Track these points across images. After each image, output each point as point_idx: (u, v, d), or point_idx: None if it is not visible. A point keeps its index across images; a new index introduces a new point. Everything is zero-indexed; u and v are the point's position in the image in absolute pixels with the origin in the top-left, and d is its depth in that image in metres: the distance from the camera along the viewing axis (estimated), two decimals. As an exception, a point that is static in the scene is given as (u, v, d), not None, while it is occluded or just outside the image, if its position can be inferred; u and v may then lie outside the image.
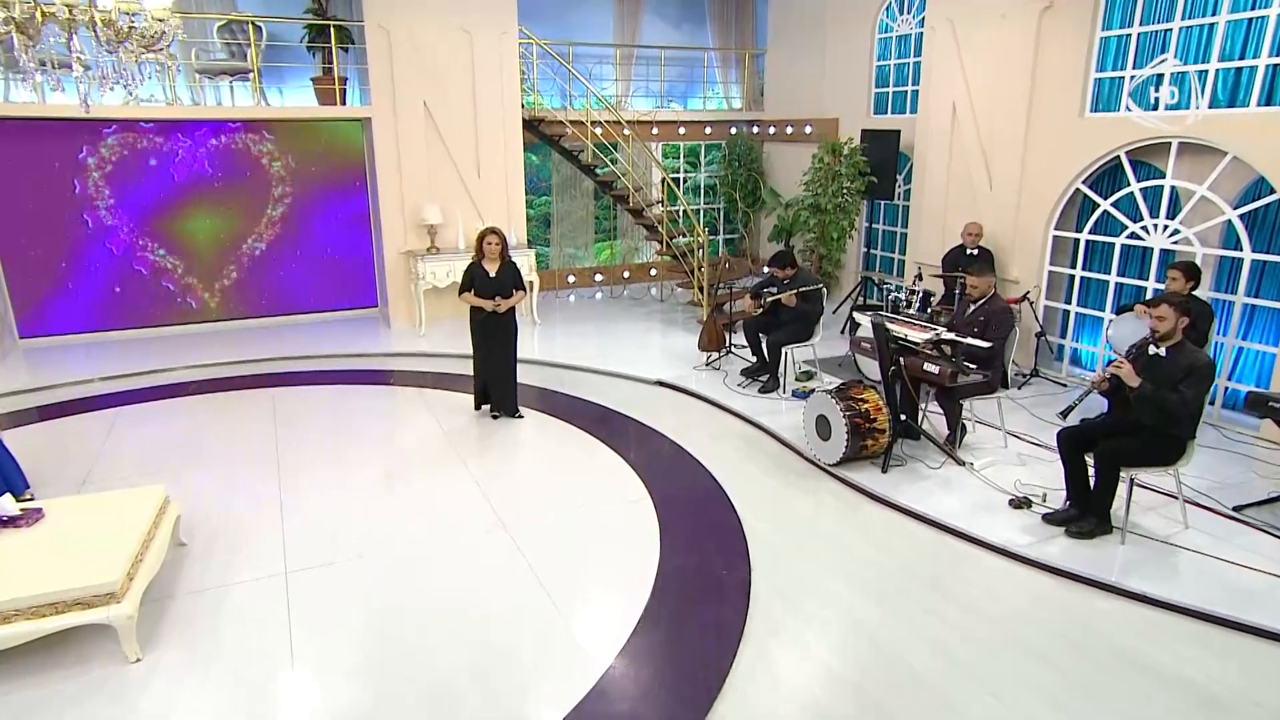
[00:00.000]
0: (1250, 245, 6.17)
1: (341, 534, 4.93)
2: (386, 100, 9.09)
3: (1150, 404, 4.54)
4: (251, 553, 4.72)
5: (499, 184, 9.70)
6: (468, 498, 5.43)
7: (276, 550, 4.74)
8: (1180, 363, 4.53)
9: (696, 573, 4.51)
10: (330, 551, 4.72)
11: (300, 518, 5.15)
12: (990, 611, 4.16)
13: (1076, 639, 3.94)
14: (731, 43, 12.26)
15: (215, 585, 4.40)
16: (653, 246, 12.09)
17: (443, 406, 7.20)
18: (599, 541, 4.87)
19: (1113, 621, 4.08)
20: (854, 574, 4.52)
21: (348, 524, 5.07)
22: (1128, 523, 4.73)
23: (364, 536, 4.90)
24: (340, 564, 4.60)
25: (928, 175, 8.80)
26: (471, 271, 6.51)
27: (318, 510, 5.25)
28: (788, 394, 7.29)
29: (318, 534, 4.93)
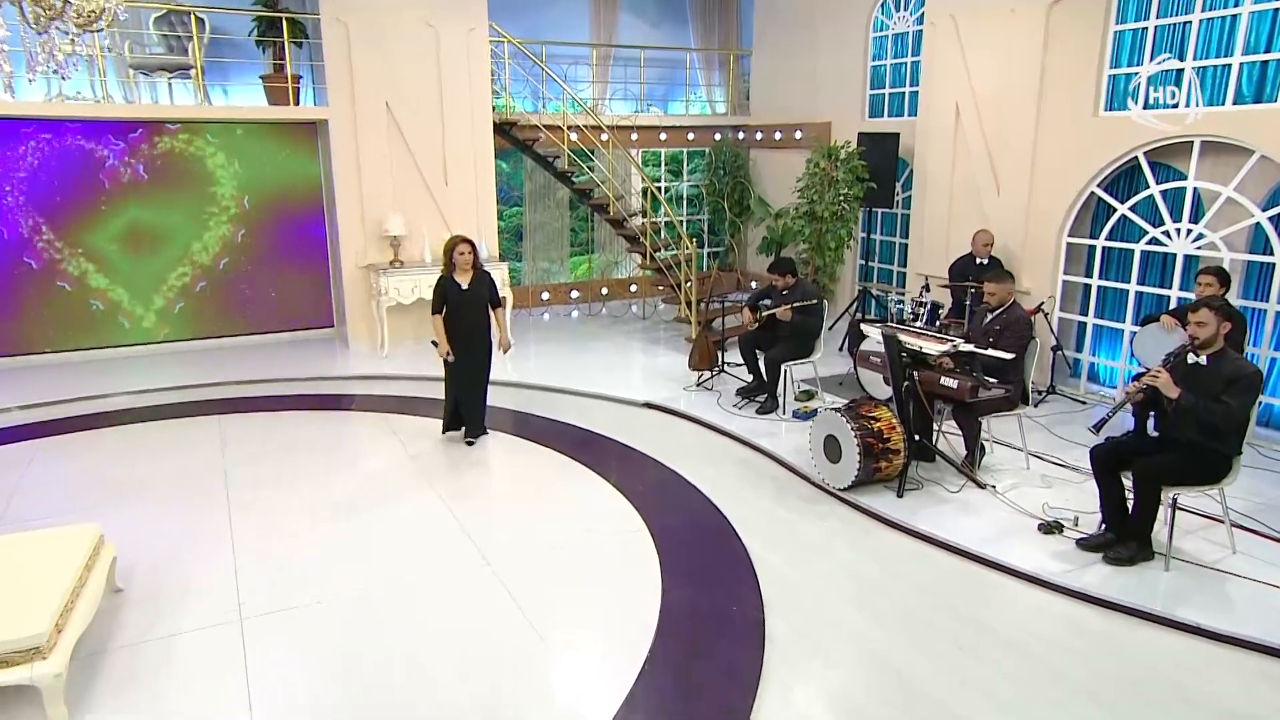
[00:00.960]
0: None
1: (303, 574, 4.70)
2: (345, 101, 8.94)
3: (1192, 417, 4.48)
4: (200, 598, 4.46)
5: (468, 192, 9.57)
6: (444, 531, 5.23)
7: (229, 594, 4.49)
8: (1223, 371, 4.48)
9: (704, 609, 4.34)
10: (291, 594, 4.48)
11: (255, 557, 4.90)
12: (1029, 646, 4.03)
13: (1127, 675, 3.82)
14: (714, 43, 12.32)
15: (158, 636, 4.13)
16: (634, 260, 12.00)
17: (410, 432, 7.00)
18: (594, 576, 4.70)
19: (1164, 655, 3.97)
20: (876, 607, 4.38)
21: (310, 563, 4.83)
22: (1171, 548, 4.64)
23: (329, 576, 4.67)
24: (303, 608, 4.35)
25: (929, 181, 8.83)
26: (443, 286, 6.37)
27: (275, 548, 5.01)
28: (788, 415, 7.20)
29: (276, 575, 4.69)
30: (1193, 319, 4.56)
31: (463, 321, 6.38)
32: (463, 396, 6.58)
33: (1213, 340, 4.54)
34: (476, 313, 6.43)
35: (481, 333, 6.49)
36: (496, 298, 6.61)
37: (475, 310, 6.41)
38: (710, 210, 12.02)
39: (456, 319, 6.37)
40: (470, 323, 6.40)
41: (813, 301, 7.05)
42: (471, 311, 6.39)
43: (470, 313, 6.39)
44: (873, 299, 9.61)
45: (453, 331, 6.37)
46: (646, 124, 11.54)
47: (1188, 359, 4.62)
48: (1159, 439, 4.82)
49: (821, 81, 10.75)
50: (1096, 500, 5.30)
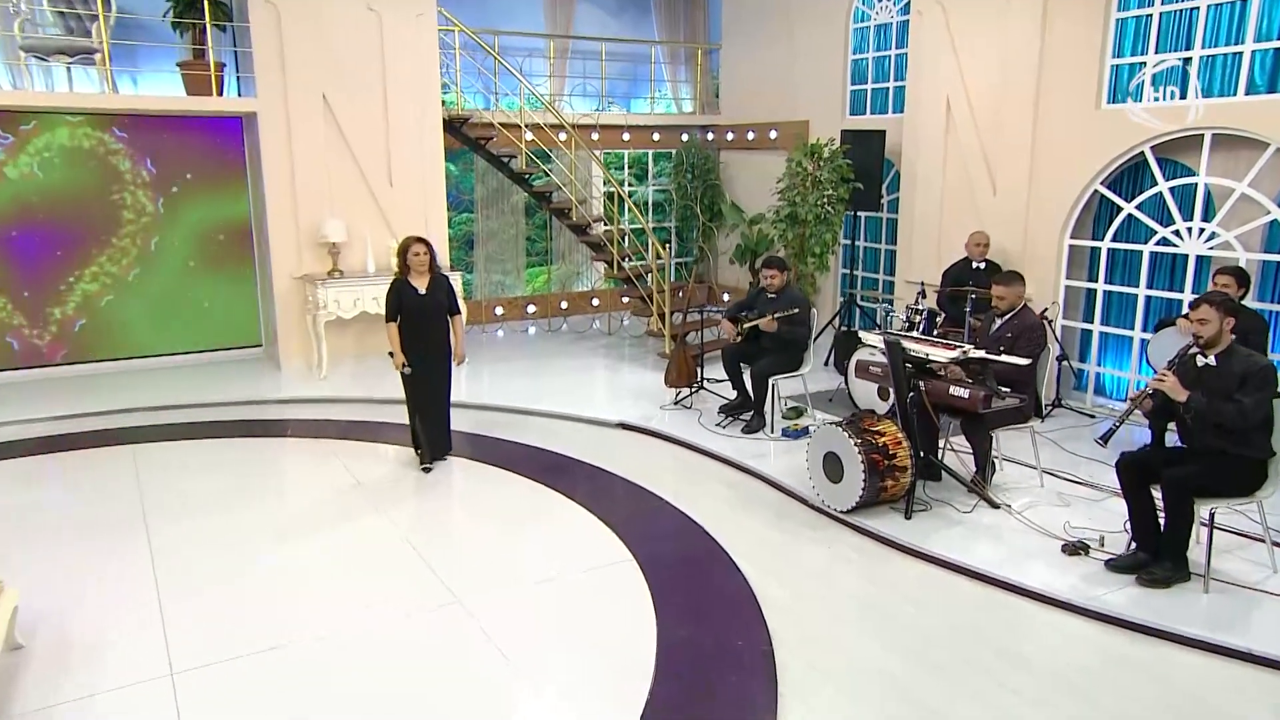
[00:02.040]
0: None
1: (243, 620, 4.43)
2: (275, 92, 8.71)
3: (1205, 420, 4.48)
4: (120, 651, 4.16)
5: (415, 195, 9.38)
6: (406, 568, 5.01)
7: (156, 646, 4.19)
8: (1234, 369, 4.50)
9: (706, 646, 4.20)
10: (231, 644, 4.20)
11: (185, 602, 4.61)
12: (1067, 676, 3.96)
13: (1173, 704, 3.76)
14: (680, 36, 12.35)
15: (70, 699, 3.82)
16: (597, 271, 11.89)
17: (359, 460, 6.76)
18: (579, 613, 4.54)
19: (1210, 683, 3.92)
20: (896, 639, 4.28)
21: (250, 607, 4.57)
22: (1209, 568, 4.63)
23: (273, 622, 4.41)
24: (246, 658, 4.09)
25: (919, 182, 8.89)
26: (397, 291, 6.21)
27: (208, 592, 4.73)
28: (777, 433, 7.12)
29: (212, 622, 4.41)
30: (1194, 316, 4.59)
31: (420, 330, 6.21)
32: (422, 414, 6.38)
33: (1218, 338, 4.56)
34: (435, 320, 6.28)
35: (441, 343, 6.35)
36: (456, 305, 6.47)
37: (433, 318, 6.26)
38: (679, 217, 11.97)
39: (413, 327, 6.20)
40: (428, 331, 6.25)
41: (797, 310, 6.99)
42: (429, 319, 6.24)
43: (428, 320, 6.24)
44: (858, 309, 9.62)
45: (409, 341, 6.20)
46: (611, 123, 11.48)
47: (1196, 360, 4.64)
48: (1185, 449, 4.83)
49: (798, 77, 10.82)
50: (1122, 518, 5.32)
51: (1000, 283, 5.97)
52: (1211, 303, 4.51)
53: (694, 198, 11.61)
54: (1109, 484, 5.97)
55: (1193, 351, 4.64)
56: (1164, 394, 4.56)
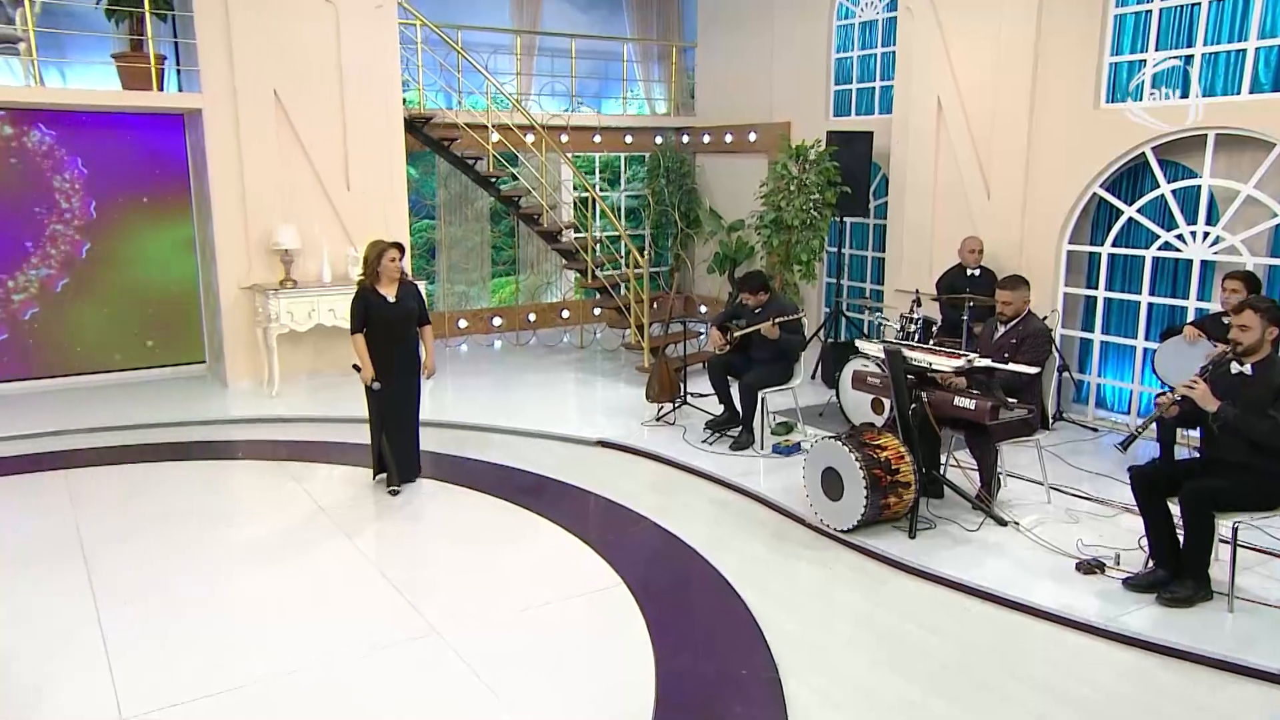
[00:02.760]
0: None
1: (201, 659, 4.26)
2: (223, 87, 8.54)
3: (1236, 432, 4.49)
4: (62, 699, 3.96)
5: (375, 200, 9.24)
6: (378, 597, 4.88)
7: (102, 691, 4.00)
8: (1271, 381, 4.52)
9: (708, 675, 4.13)
10: (187, 685, 4.03)
11: (135, 642, 4.42)
12: (1095, 703, 3.92)
13: None
14: (653, 33, 12.37)
15: (8, 745, 3.64)
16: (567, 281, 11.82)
17: (318, 482, 6.61)
18: (572, 643, 4.44)
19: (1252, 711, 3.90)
20: (912, 666, 4.22)
21: (208, 644, 4.40)
22: (1233, 586, 4.64)
23: (234, 660, 4.25)
24: (204, 700, 3.91)
25: (909, 185, 8.95)
26: (364, 299, 6.09)
27: (160, 629, 4.55)
28: (767, 450, 7.08)
29: (165, 662, 4.23)
30: (1235, 322, 4.60)
31: (390, 342, 6.10)
32: (392, 432, 6.25)
33: (1258, 346, 4.58)
34: (405, 331, 6.19)
35: (410, 355, 6.25)
36: (425, 313, 6.36)
37: (404, 328, 6.17)
38: (654, 223, 11.95)
39: (382, 339, 6.08)
40: (398, 343, 6.15)
41: (797, 317, 6.98)
42: (400, 329, 6.14)
43: (399, 330, 6.14)
44: (844, 319, 9.63)
45: (378, 354, 6.07)
46: (582, 124, 11.44)
47: (1230, 368, 4.66)
48: (1205, 460, 4.85)
49: (778, 76, 10.88)
50: (1135, 534, 5.36)
51: (1005, 287, 5.99)
52: (1256, 309, 4.52)
53: (671, 203, 11.59)
54: (1118, 499, 6.04)
55: (1227, 358, 4.62)
56: (1192, 402, 4.55)
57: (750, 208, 10.41)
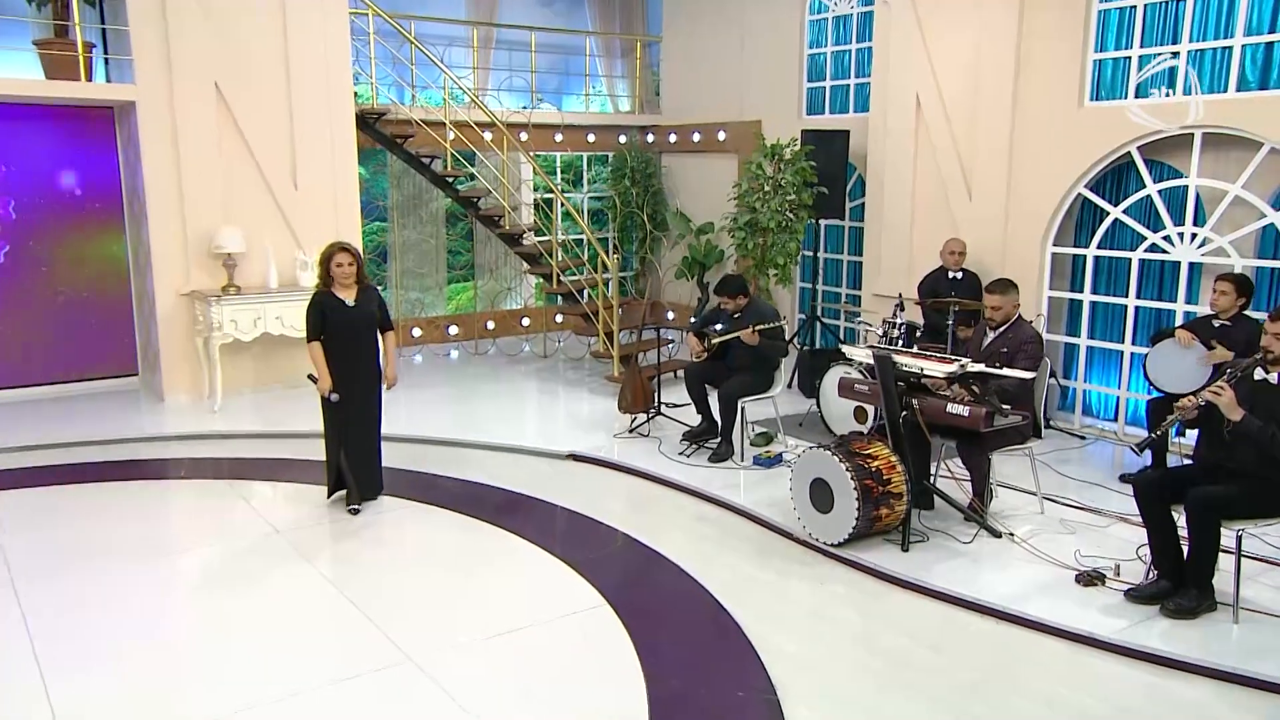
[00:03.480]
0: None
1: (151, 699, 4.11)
2: (159, 78, 8.35)
3: (1255, 444, 4.56)
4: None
5: (324, 200, 9.10)
6: (345, 624, 4.77)
7: (44, 727, 3.85)
8: (1298, 393, 4.60)
9: (702, 699, 4.11)
10: (140, 722, 3.89)
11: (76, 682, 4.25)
12: (1108, 721, 3.95)
13: None
14: (616, 27, 12.38)
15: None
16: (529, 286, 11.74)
17: (271, 502, 6.48)
18: (557, 667, 4.39)
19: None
20: (918, 685, 4.23)
21: (158, 683, 4.25)
22: (1239, 596, 4.71)
23: (188, 699, 4.12)
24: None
25: (887, 186, 9.04)
26: (321, 304, 5.97)
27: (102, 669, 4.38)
28: (748, 462, 7.07)
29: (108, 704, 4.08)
30: (1270, 329, 4.56)
31: (348, 349, 5.99)
32: (351, 446, 6.13)
33: None
34: (365, 338, 6.08)
35: (370, 364, 6.15)
36: (388, 319, 6.27)
37: (364, 334, 6.07)
38: (619, 226, 11.92)
39: (340, 346, 5.97)
40: (358, 351, 6.04)
41: (779, 323, 6.99)
42: (359, 336, 6.04)
43: (357, 338, 6.04)
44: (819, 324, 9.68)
45: (336, 363, 5.96)
46: (544, 122, 11.39)
47: (1254, 375, 4.72)
48: (1207, 467, 4.93)
49: (748, 73, 10.94)
50: (1134, 544, 5.44)
51: (994, 291, 6.05)
52: None
53: (638, 205, 11.59)
54: (1112, 509, 6.13)
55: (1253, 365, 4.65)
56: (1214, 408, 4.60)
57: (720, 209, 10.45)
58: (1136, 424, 7.68)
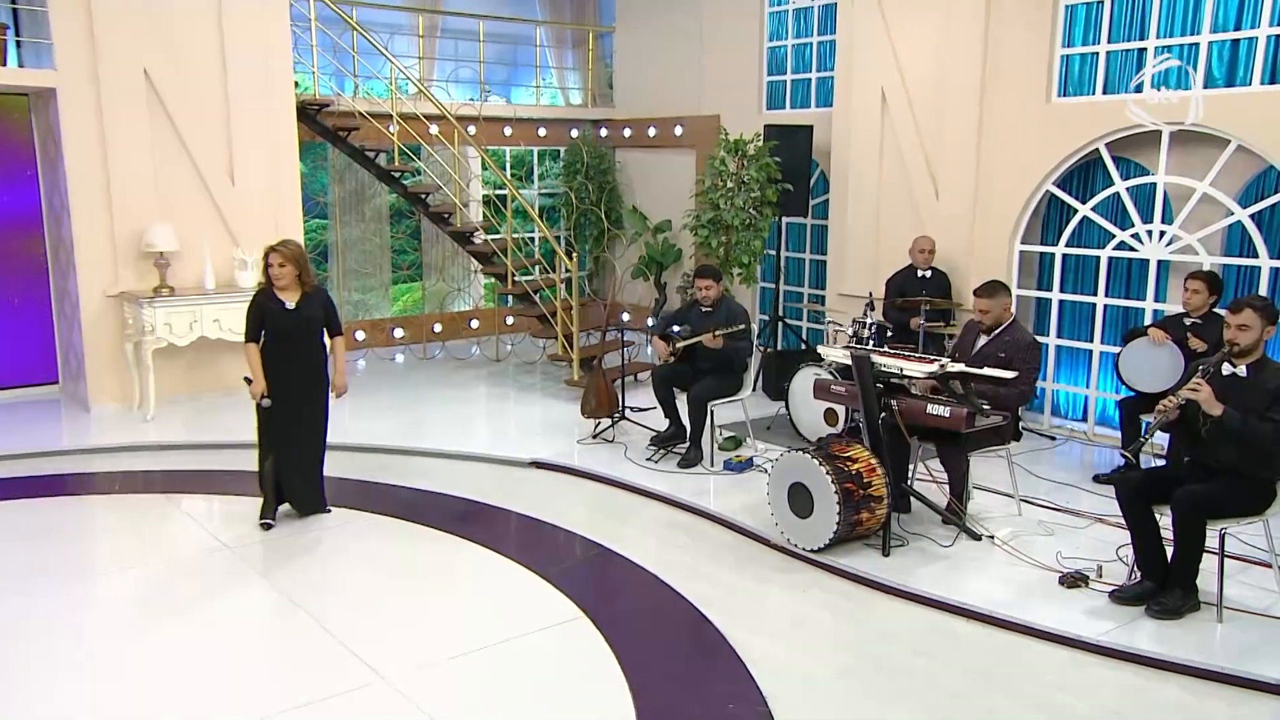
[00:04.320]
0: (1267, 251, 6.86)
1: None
2: (80, 65, 8.12)
3: (1235, 438, 4.72)
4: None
5: (263, 196, 8.94)
6: (311, 644, 4.70)
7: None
8: (1266, 384, 4.74)
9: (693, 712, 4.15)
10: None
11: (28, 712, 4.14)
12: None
13: None
14: (566, 16, 12.37)
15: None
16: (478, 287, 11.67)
17: (215, 517, 6.34)
18: (540, 683, 4.40)
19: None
20: (910, 693, 4.30)
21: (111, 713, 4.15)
22: (1222, 595, 4.87)
23: (147, 719, 4.02)
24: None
25: (852, 183, 9.16)
26: (260, 305, 5.87)
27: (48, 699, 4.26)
28: (718, 466, 7.12)
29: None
30: (1233, 321, 4.81)
31: (287, 354, 5.88)
32: (287, 459, 6.03)
33: (1255, 346, 4.82)
34: (307, 343, 5.96)
35: (314, 370, 6.02)
36: (337, 324, 6.17)
37: (305, 339, 5.95)
38: (572, 225, 11.91)
39: (278, 350, 5.87)
40: (298, 356, 5.92)
41: (744, 326, 7.05)
42: (300, 341, 5.92)
43: (297, 342, 5.92)
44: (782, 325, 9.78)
45: (272, 367, 5.85)
46: (496, 115, 11.34)
47: (1222, 369, 4.90)
48: (1190, 466, 5.09)
49: (706, 66, 11.02)
50: (1114, 545, 5.62)
51: (982, 295, 6.13)
52: (1254, 307, 4.74)
53: (594, 202, 11.59)
54: (1089, 509, 6.30)
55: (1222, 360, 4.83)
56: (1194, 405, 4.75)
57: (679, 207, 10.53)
58: (1105, 424, 7.91)
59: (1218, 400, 4.71)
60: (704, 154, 10.74)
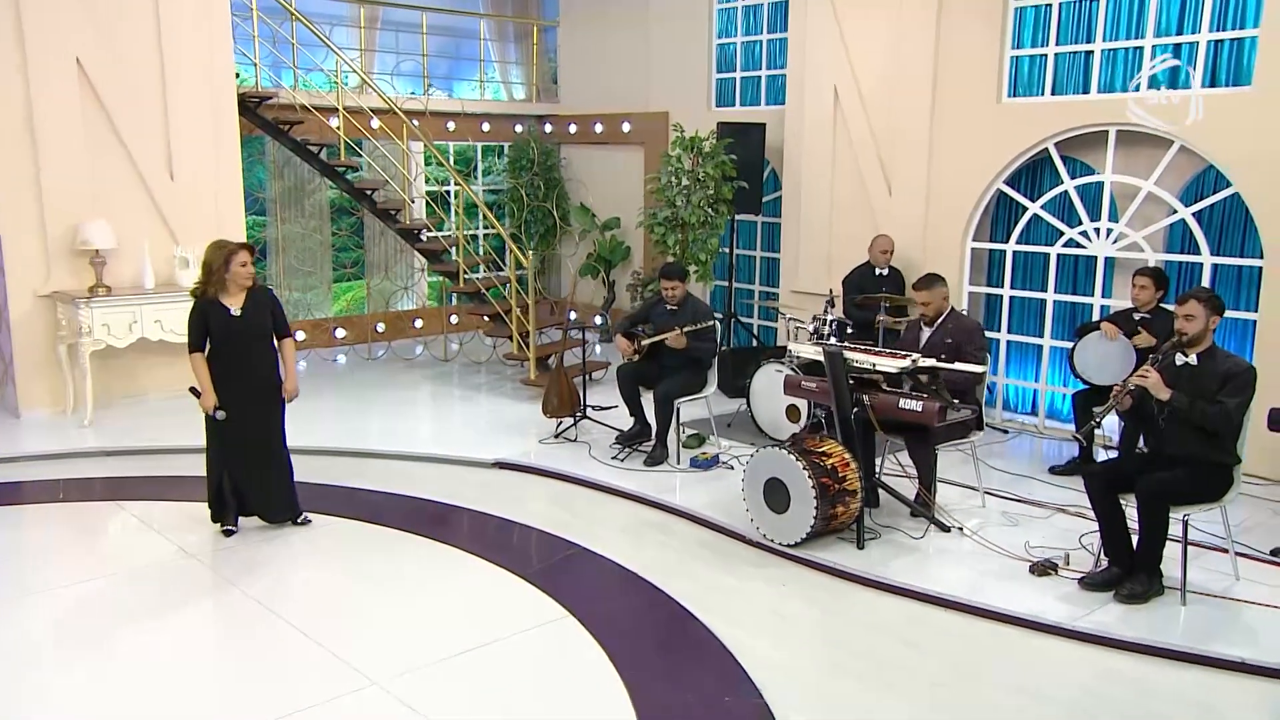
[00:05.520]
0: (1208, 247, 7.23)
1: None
2: (8, 50, 7.92)
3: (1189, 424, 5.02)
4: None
5: (204, 192, 8.79)
6: (294, 651, 4.68)
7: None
8: (1215, 370, 5.07)
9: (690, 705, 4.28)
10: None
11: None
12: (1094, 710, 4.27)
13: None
14: (508, 9, 12.38)
15: None
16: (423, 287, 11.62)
17: (173, 525, 6.16)
18: (534, 681, 4.48)
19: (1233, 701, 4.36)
20: (897, 683, 4.47)
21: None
22: (1186, 580, 5.15)
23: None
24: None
25: (805, 181, 9.37)
26: (202, 313, 5.73)
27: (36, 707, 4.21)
28: (684, 464, 7.24)
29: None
30: (1180, 313, 5.13)
31: (236, 361, 5.77)
32: (244, 472, 5.93)
33: (1202, 337, 5.14)
34: (256, 348, 5.85)
35: (266, 376, 5.91)
36: (285, 325, 6.04)
37: (255, 345, 5.84)
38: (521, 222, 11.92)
39: (227, 358, 5.75)
40: (248, 363, 5.82)
41: (710, 324, 7.19)
42: (250, 347, 5.82)
43: (247, 349, 5.81)
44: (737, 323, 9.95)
45: (222, 377, 5.73)
46: (442, 109, 11.29)
47: (1175, 359, 5.20)
48: (1152, 456, 5.38)
49: (654, 62, 11.13)
50: (1077, 534, 5.88)
51: (921, 288, 6.40)
52: (1199, 299, 5.04)
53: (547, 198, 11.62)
54: (1049, 500, 6.57)
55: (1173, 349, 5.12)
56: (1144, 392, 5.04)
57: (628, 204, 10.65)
58: (1055, 417, 8.24)
59: (1167, 386, 5.01)
60: (654, 151, 10.89)
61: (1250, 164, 6.83)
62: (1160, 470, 5.17)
